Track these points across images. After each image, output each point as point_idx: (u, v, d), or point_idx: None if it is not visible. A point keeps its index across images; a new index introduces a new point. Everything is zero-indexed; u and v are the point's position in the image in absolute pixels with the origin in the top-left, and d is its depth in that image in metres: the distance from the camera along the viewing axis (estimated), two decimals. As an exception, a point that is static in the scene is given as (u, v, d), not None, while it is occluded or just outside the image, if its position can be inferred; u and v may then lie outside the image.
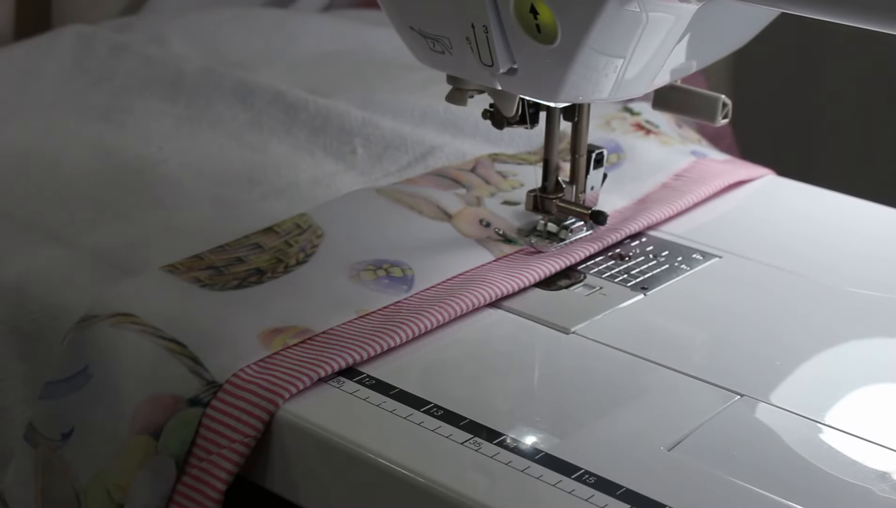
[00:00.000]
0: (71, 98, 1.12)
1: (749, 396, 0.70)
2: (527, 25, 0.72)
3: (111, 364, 0.73)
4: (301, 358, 0.71)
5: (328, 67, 1.20)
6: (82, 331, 0.75)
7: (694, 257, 0.85)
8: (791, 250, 0.87)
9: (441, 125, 1.03)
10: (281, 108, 1.06)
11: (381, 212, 0.86)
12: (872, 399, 0.72)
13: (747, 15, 0.79)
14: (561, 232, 0.85)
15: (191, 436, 0.69)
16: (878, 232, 0.90)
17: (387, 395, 0.70)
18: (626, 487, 0.63)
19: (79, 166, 1.00)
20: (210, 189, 0.96)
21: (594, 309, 0.79)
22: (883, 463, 0.66)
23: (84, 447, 0.72)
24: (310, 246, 0.82)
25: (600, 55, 0.72)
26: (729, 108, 0.82)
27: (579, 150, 0.84)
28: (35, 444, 0.74)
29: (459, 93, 0.82)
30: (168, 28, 1.24)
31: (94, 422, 0.72)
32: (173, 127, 1.06)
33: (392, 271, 0.80)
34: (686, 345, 0.76)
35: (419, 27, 0.77)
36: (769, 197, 0.96)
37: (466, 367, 0.74)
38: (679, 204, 0.91)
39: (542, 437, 0.67)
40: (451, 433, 0.67)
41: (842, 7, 0.65)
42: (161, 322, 0.74)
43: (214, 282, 0.78)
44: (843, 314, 0.79)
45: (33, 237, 0.88)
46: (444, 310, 0.76)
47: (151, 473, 0.69)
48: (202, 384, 0.70)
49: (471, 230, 0.85)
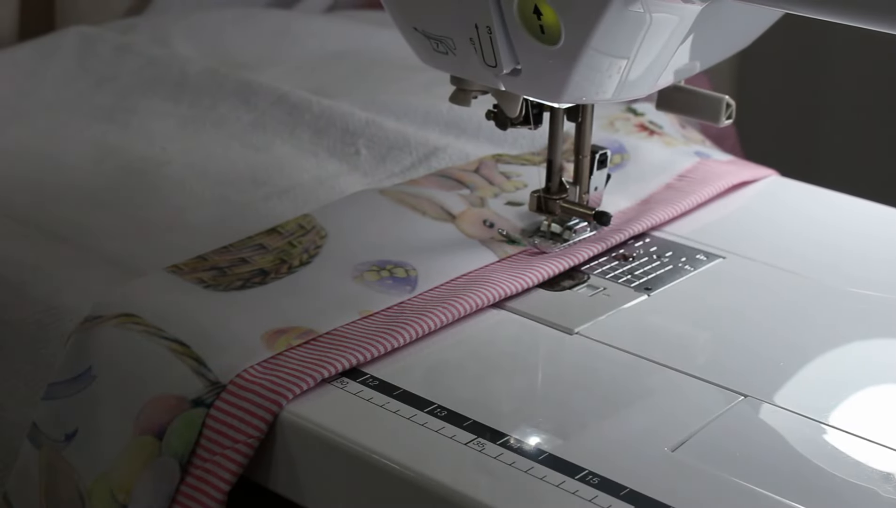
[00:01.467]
0: (74, 99, 1.12)
1: (753, 397, 0.70)
2: (530, 26, 0.72)
3: (115, 365, 0.73)
4: (305, 359, 0.71)
5: (332, 68, 1.20)
6: (86, 332, 0.75)
7: (697, 257, 0.85)
8: (795, 250, 0.87)
9: (444, 126, 1.03)
10: (284, 108, 1.06)
11: (384, 213, 0.86)
12: (876, 400, 0.72)
13: (751, 15, 0.79)
14: (564, 233, 0.85)
15: (194, 437, 0.69)
16: (881, 233, 0.90)
17: (390, 396, 0.70)
18: (629, 488, 0.63)
19: (82, 167, 1.00)
20: (213, 190, 0.96)
21: (598, 310, 0.79)
22: (887, 464, 0.66)
23: (88, 448, 0.72)
24: (313, 247, 0.82)
25: (604, 56, 0.72)
26: (733, 108, 0.82)
27: (583, 150, 0.84)
28: (39, 445, 0.74)
29: (463, 94, 0.82)
30: (172, 29, 1.24)
31: (97, 423, 0.72)
32: (177, 128, 1.06)
33: (396, 271, 0.80)
34: (689, 346, 0.76)
35: (423, 28, 0.77)
36: (773, 198, 0.96)
37: (470, 368, 0.74)
38: (683, 205, 0.91)
39: (545, 438, 0.67)
40: (455, 434, 0.67)
41: (845, 7, 0.65)
42: (164, 323, 0.74)
43: (218, 283, 0.78)
44: (846, 315, 0.79)
45: (37, 238, 0.89)
46: (448, 311, 0.76)
47: (155, 474, 0.69)
48: (206, 384, 0.70)
49: (474, 231, 0.85)
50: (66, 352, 0.75)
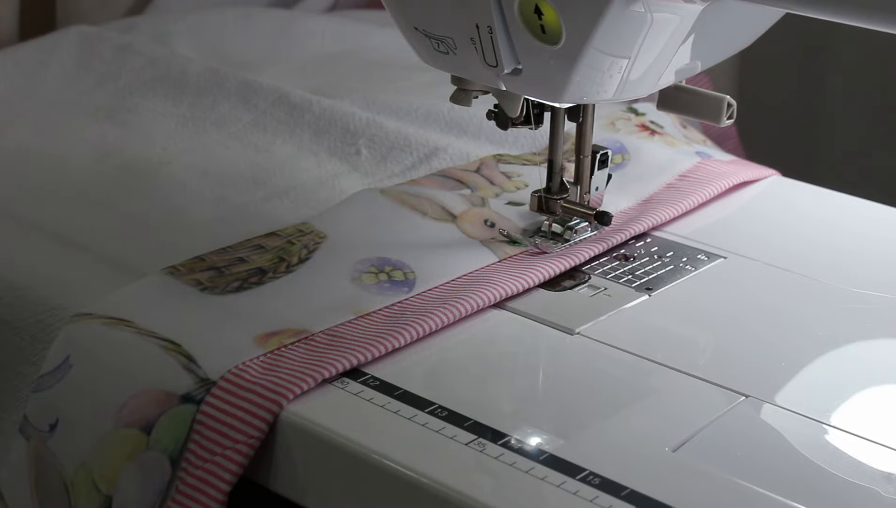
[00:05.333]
0: (75, 99, 1.12)
1: (754, 397, 0.70)
2: (531, 26, 0.72)
3: (94, 356, 0.73)
4: (305, 359, 0.71)
5: (332, 68, 1.20)
6: (72, 324, 0.75)
7: (699, 257, 0.85)
8: (796, 250, 0.86)
9: (445, 126, 1.03)
10: (285, 108, 1.06)
11: (384, 213, 0.86)
12: (878, 401, 0.72)
13: (752, 15, 0.79)
14: (565, 233, 0.85)
15: (184, 433, 0.69)
16: (884, 233, 0.90)
17: (391, 396, 0.70)
18: (630, 488, 0.62)
19: (83, 167, 1.00)
20: (214, 190, 0.96)
21: (599, 310, 0.79)
22: (889, 465, 0.66)
23: (68, 438, 0.72)
24: (312, 243, 0.82)
25: (605, 56, 0.72)
26: (734, 108, 0.82)
27: (584, 150, 0.84)
28: (28, 436, 0.74)
29: (464, 93, 0.82)
30: (172, 29, 1.24)
31: (76, 413, 0.73)
32: (177, 128, 1.06)
33: (394, 274, 0.80)
34: (691, 346, 0.76)
35: (423, 28, 0.77)
36: (774, 198, 0.96)
37: (471, 368, 0.74)
38: (684, 205, 0.91)
39: (546, 438, 0.67)
40: (456, 434, 0.67)
41: (846, 7, 0.65)
42: (157, 326, 0.74)
43: (215, 285, 0.78)
44: (848, 315, 0.79)
45: (38, 238, 0.89)
46: (449, 311, 0.76)
47: (142, 467, 0.69)
48: (195, 380, 0.70)
49: (475, 231, 0.85)
50: (53, 345, 0.75)
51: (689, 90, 0.83)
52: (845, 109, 1.62)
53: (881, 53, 1.53)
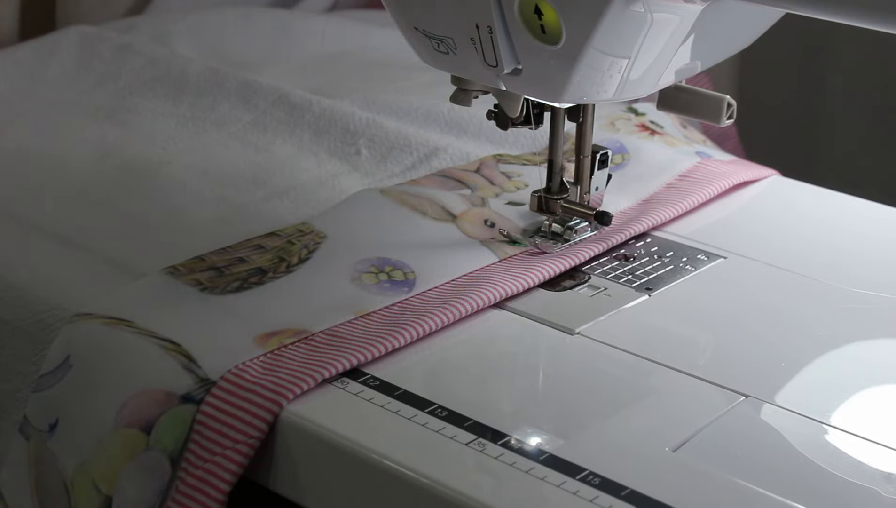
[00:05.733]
0: (75, 99, 1.12)
1: (754, 397, 0.70)
2: (531, 26, 0.72)
3: (95, 356, 0.73)
4: (305, 359, 0.71)
5: (332, 68, 1.20)
6: (72, 324, 0.75)
7: (699, 257, 0.85)
8: (796, 250, 0.86)
9: (445, 126, 1.03)
10: (285, 108, 1.06)
11: (384, 213, 0.86)
12: (878, 401, 0.72)
13: (752, 15, 0.79)
14: (565, 233, 0.85)
15: (184, 434, 0.69)
16: (883, 233, 0.90)
17: (391, 396, 0.70)
18: (630, 488, 0.62)
19: (83, 167, 1.00)
20: (214, 190, 0.96)
21: (599, 310, 0.79)
22: (889, 465, 0.66)
23: (68, 438, 0.72)
24: (312, 243, 0.82)
25: (605, 56, 0.72)
26: (734, 108, 0.82)
27: (584, 150, 0.84)
28: (28, 436, 0.74)
29: (464, 93, 0.82)
30: (172, 29, 1.24)
31: (76, 413, 0.73)
32: (177, 128, 1.06)
33: (394, 274, 0.80)
34: (691, 346, 0.76)
35: (423, 28, 0.77)
36: (774, 198, 0.96)
37: (471, 368, 0.74)
38: (684, 205, 0.91)
39: (546, 438, 0.67)
40: (456, 434, 0.67)
41: (846, 7, 0.65)
42: (156, 326, 0.74)
43: (215, 285, 0.78)
44: (848, 315, 0.79)
45: (38, 238, 0.89)
46: (449, 311, 0.76)
47: (142, 467, 0.69)
48: (195, 380, 0.70)
49: (475, 231, 0.85)
50: (53, 345, 0.75)
51: (689, 90, 0.83)
52: (845, 109, 1.61)
53: (881, 53, 1.53)
